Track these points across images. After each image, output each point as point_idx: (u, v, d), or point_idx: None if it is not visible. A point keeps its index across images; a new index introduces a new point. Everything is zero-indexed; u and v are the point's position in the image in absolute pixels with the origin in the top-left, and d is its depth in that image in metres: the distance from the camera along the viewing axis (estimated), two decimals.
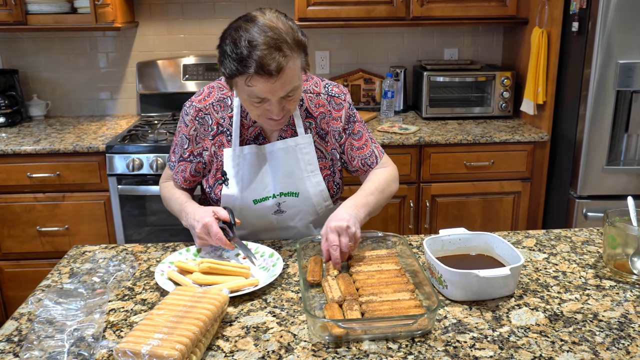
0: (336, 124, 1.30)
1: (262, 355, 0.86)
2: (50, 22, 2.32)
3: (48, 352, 0.86)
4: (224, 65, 1.10)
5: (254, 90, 1.08)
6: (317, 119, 1.29)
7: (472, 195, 2.31)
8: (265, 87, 1.07)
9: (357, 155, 1.33)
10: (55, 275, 1.14)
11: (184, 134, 1.29)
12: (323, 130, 1.30)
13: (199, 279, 1.05)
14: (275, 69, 1.04)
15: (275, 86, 1.08)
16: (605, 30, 1.95)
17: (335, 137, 1.31)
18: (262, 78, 1.06)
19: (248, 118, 1.26)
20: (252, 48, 1.04)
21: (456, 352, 0.86)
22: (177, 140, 1.31)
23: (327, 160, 1.31)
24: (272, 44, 1.04)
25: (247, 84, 1.07)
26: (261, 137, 1.27)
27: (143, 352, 0.78)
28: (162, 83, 2.62)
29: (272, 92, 1.09)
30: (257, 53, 1.04)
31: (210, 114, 1.26)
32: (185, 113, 1.28)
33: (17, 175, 2.15)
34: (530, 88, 2.31)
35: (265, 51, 1.04)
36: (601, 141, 2.07)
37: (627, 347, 0.87)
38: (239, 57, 1.05)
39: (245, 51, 1.04)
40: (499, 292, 1.01)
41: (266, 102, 1.12)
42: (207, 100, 1.27)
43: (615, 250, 1.10)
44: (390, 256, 1.13)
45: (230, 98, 1.26)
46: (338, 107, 1.30)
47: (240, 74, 1.07)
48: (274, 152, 1.26)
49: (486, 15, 2.42)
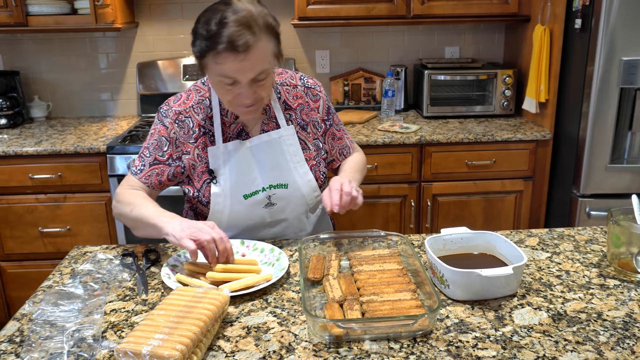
0: (314, 114, 1.33)
1: (263, 355, 0.86)
2: (51, 23, 2.32)
3: (49, 354, 0.86)
4: (195, 45, 1.12)
5: (224, 68, 1.09)
6: (296, 110, 1.31)
7: (474, 194, 2.30)
8: (234, 65, 1.08)
9: (337, 145, 1.39)
10: (57, 276, 1.14)
11: (163, 136, 1.25)
12: (304, 122, 1.32)
13: (216, 277, 1.05)
14: (243, 46, 1.06)
15: (244, 65, 1.09)
16: (609, 27, 1.94)
17: (316, 127, 1.34)
18: (232, 55, 1.07)
19: (229, 115, 1.26)
20: (222, 25, 1.06)
21: (458, 352, 0.85)
22: (151, 143, 1.26)
23: (310, 151, 1.32)
24: (242, 21, 1.07)
25: (217, 62, 1.09)
26: (244, 133, 1.28)
27: (144, 353, 0.78)
28: (163, 83, 2.62)
29: (241, 72, 1.10)
30: (227, 30, 1.06)
31: (191, 117, 1.26)
32: (163, 115, 1.26)
33: (19, 176, 2.15)
34: (533, 86, 2.29)
35: (235, 28, 1.06)
36: (604, 139, 2.06)
37: (632, 346, 0.87)
38: (210, 34, 1.07)
39: (215, 27, 1.07)
40: (502, 292, 1.01)
41: (237, 85, 1.12)
42: (187, 103, 1.27)
43: (619, 249, 1.09)
44: (392, 255, 1.13)
45: (209, 99, 1.26)
46: (315, 98, 1.34)
47: (210, 51, 1.08)
48: (259, 145, 1.26)
49: (487, 13, 2.41)
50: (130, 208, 1.19)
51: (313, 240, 1.18)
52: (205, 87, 1.29)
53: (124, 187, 1.27)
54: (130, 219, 1.20)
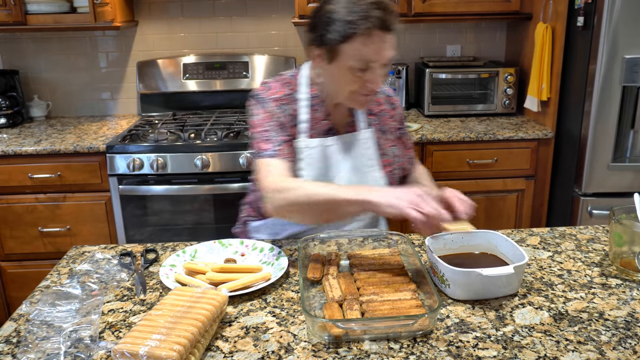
0: (392, 122, 1.36)
1: (262, 355, 0.85)
2: (50, 22, 2.32)
3: (46, 354, 0.85)
4: (331, 32, 1.11)
5: (367, 51, 1.10)
6: (378, 115, 1.34)
7: (475, 193, 2.28)
8: (379, 46, 1.11)
9: (407, 154, 1.42)
10: (55, 276, 1.14)
11: (276, 118, 1.21)
12: (384, 127, 1.34)
13: (214, 278, 1.04)
14: (391, 25, 1.11)
15: (387, 46, 1.12)
16: (611, 25, 1.93)
17: (393, 134, 1.36)
18: (381, 34, 1.09)
19: (321, 111, 1.26)
20: (370, 8, 1.08)
21: (459, 352, 0.84)
22: (271, 125, 1.20)
23: (388, 157, 1.33)
24: (383, 5, 1.10)
25: (364, 43, 1.09)
26: (332, 131, 1.28)
27: (141, 353, 0.77)
28: (163, 82, 2.61)
29: (382, 52, 1.12)
30: (375, 12, 1.08)
31: (288, 105, 1.24)
32: (265, 102, 1.23)
33: (19, 176, 2.15)
34: (534, 84, 2.28)
35: (384, 10, 1.10)
36: (606, 138, 2.05)
37: (634, 346, 0.86)
38: (359, 17, 1.08)
39: (361, 10, 1.08)
40: (503, 291, 1.00)
41: (368, 71, 1.13)
42: (282, 91, 1.25)
43: (621, 248, 1.08)
44: (393, 255, 1.12)
45: (298, 92, 1.26)
46: (392, 107, 1.38)
47: (356, 32, 1.08)
48: (340, 145, 1.27)
49: (489, 11, 2.40)
50: (309, 192, 1.07)
51: (313, 240, 1.17)
52: (295, 81, 1.27)
53: (273, 174, 1.14)
54: (313, 203, 1.06)
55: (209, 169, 2.12)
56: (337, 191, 1.06)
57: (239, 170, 2.12)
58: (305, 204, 1.08)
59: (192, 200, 2.15)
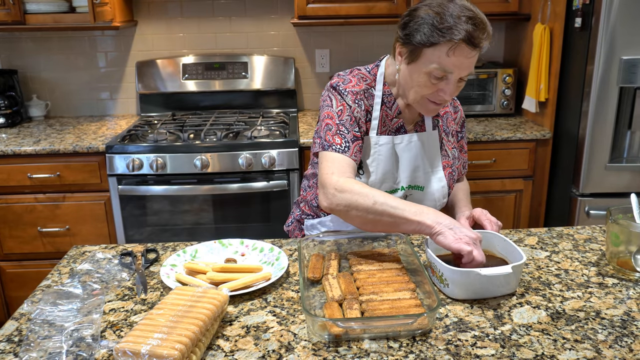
0: (454, 124, 1.39)
1: (263, 354, 0.86)
2: (49, 22, 2.32)
3: (47, 353, 0.86)
4: (419, 32, 1.12)
5: (447, 62, 1.11)
6: (443, 117, 1.36)
7: (474, 193, 2.28)
8: (459, 60, 1.11)
9: (462, 158, 1.45)
10: (55, 276, 1.14)
11: (353, 113, 1.21)
12: (447, 129, 1.37)
13: (215, 277, 1.05)
14: (478, 44, 1.11)
15: (468, 62, 1.13)
16: (609, 26, 1.94)
17: (454, 137, 1.39)
18: (466, 49, 1.10)
19: (393, 109, 1.27)
20: (462, 21, 1.09)
21: (457, 351, 0.85)
22: (345, 119, 1.20)
23: (449, 159, 1.35)
24: (478, 21, 1.10)
25: (448, 54, 1.10)
26: (402, 130, 1.29)
27: (143, 352, 0.78)
28: (162, 82, 2.62)
29: (461, 67, 1.13)
30: (466, 25, 1.09)
31: (364, 100, 1.25)
32: (344, 94, 1.23)
33: (18, 175, 2.15)
34: (533, 85, 2.29)
35: (475, 26, 1.10)
36: (604, 138, 2.06)
37: (630, 344, 0.87)
38: (449, 25, 1.09)
39: (453, 20, 1.09)
40: (501, 291, 1.01)
41: (443, 81, 1.15)
42: (360, 86, 1.26)
43: (618, 247, 1.09)
44: (392, 255, 1.13)
45: (374, 88, 1.27)
46: (455, 110, 1.41)
47: (444, 41, 1.09)
48: (406, 144, 1.28)
49: (487, 12, 2.36)
50: (372, 200, 1.06)
51: (312, 240, 1.18)
52: (371, 76, 1.28)
53: (338, 171, 1.13)
54: (372, 212, 1.06)
55: (209, 169, 2.12)
56: (399, 207, 1.05)
57: (238, 170, 2.13)
58: (363, 210, 1.08)
59: (191, 201, 2.16)
